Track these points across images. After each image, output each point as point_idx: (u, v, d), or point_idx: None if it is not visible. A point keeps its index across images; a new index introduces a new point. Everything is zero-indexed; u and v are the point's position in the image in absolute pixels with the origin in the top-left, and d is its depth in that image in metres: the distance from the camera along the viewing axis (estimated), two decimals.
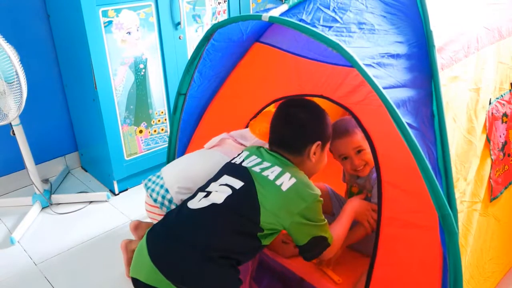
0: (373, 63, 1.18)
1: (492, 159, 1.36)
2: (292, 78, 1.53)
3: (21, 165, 2.08)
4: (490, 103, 1.37)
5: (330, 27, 1.30)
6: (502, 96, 1.44)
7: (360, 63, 1.09)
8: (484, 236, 1.33)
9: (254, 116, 1.67)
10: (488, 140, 1.34)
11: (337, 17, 1.34)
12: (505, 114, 1.44)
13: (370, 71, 1.09)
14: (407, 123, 1.06)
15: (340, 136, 1.48)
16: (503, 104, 1.43)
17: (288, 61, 1.53)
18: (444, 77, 1.22)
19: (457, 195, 1.15)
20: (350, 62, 1.11)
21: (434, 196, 1.04)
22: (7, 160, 2.22)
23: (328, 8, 1.38)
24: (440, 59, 1.23)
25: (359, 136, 1.46)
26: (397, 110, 1.05)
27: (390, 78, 1.16)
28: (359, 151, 1.48)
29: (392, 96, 1.09)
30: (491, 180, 1.35)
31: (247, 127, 1.67)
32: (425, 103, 1.15)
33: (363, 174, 1.51)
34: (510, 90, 1.48)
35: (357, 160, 1.48)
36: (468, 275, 1.23)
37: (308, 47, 1.47)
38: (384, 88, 1.09)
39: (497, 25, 1.50)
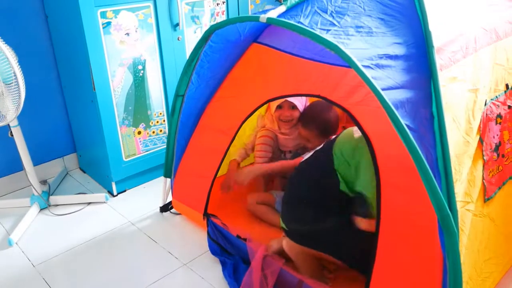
0: (372, 64, 1.18)
1: (484, 160, 1.36)
2: (289, 78, 1.54)
3: (19, 167, 2.08)
4: (485, 104, 1.38)
5: (328, 31, 1.31)
6: (497, 97, 1.44)
7: (359, 64, 1.10)
8: (480, 236, 1.33)
9: (249, 116, 1.67)
10: (481, 141, 1.35)
11: (334, 21, 1.34)
12: (499, 115, 1.44)
13: (368, 73, 1.10)
14: (406, 125, 1.06)
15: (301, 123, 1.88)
16: (498, 105, 1.44)
17: (285, 61, 1.54)
18: (443, 77, 1.22)
19: (455, 196, 1.15)
20: (348, 64, 1.11)
21: (433, 197, 1.05)
22: (5, 161, 2.22)
23: (326, 12, 1.38)
24: (439, 59, 1.24)
25: (312, 134, 1.83)
26: (396, 112, 1.05)
27: (389, 80, 1.16)
28: (308, 141, 1.88)
29: (390, 97, 1.09)
30: (484, 180, 1.35)
31: (241, 126, 1.70)
32: (424, 104, 1.16)
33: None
34: (505, 92, 1.48)
35: (303, 140, 1.92)
36: (466, 276, 1.23)
37: (305, 47, 1.47)
38: (383, 89, 1.10)
39: (494, 26, 1.50)
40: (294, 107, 1.88)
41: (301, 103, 1.90)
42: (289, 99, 1.84)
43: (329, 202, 1.41)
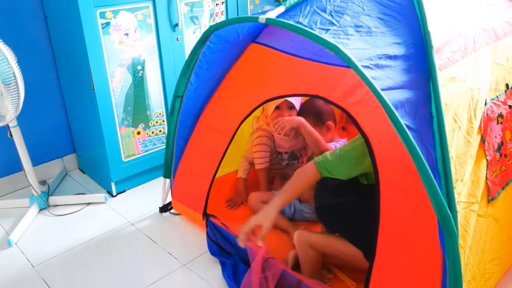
0: (371, 64, 1.18)
1: (487, 160, 1.36)
2: (287, 78, 1.54)
3: (18, 167, 2.08)
4: (485, 104, 1.38)
5: (327, 30, 1.31)
6: (497, 97, 1.44)
7: (358, 64, 1.10)
8: (485, 237, 1.33)
9: (248, 116, 1.68)
10: (483, 140, 1.35)
11: (333, 21, 1.34)
12: (500, 115, 1.44)
13: (368, 73, 1.10)
14: (406, 125, 1.06)
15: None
16: (499, 105, 1.44)
17: (283, 61, 1.54)
18: (442, 77, 1.22)
19: (455, 196, 1.15)
20: (347, 64, 1.11)
21: (433, 197, 1.05)
22: (4, 161, 2.21)
23: (325, 12, 1.38)
24: (438, 59, 1.24)
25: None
26: (395, 112, 1.05)
27: (388, 80, 1.16)
28: None
29: (390, 97, 1.09)
30: (487, 181, 1.35)
31: (239, 126, 1.71)
32: (423, 104, 1.16)
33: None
34: (505, 91, 1.48)
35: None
36: (469, 276, 1.24)
37: (303, 47, 1.47)
38: (382, 89, 1.09)
39: (493, 26, 1.51)
40: (292, 107, 1.88)
41: (298, 103, 1.90)
42: (287, 99, 1.84)
43: (348, 185, 1.43)
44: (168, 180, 1.98)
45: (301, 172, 1.41)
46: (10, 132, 1.94)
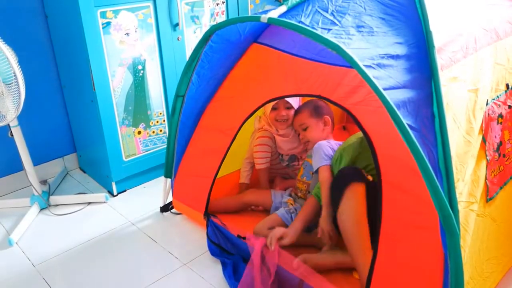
0: (373, 64, 1.18)
1: (487, 160, 1.36)
2: (289, 78, 1.54)
3: (19, 167, 2.07)
4: (487, 104, 1.38)
5: (329, 30, 1.31)
6: (498, 97, 1.45)
7: (360, 64, 1.10)
8: (482, 236, 1.33)
9: (249, 116, 1.68)
10: (484, 141, 1.35)
11: (335, 21, 1.34)
12: (500, 115, 1.44)
13: (370, 72, 1.10)
14: (408, 125, 1.06)
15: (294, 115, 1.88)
16: (499, 105, 1.44)
17: (285, 61, 1.54)
18: (443, 77, 1.22)
19: (456, 195, 1.16)
20: (350, 63, 1.11)
21: (435, 197, 1.05)
22: (5, 161, 2.21)
23: (327, 12, 1.39)
24: (440, 59, 1.24)
25: (304, 115, 1.81)
26: (397, 112, 1.05)
27: (390, 79, 1.16)
28: (304, 129, 1.81)
29: (392, 97, 1.09)
30: (487, 180, 1.36)
31: (241, 126, 1.70)
32: (425, 104, 1.16)
33: (309, 147, 1.85)
34: (505, 91, 1.49)
35: (301, 135, 1.85)
36: (467, 276, 1.24)
37: (305, 47, 1.48)
38: (384, 89, 1.10)
39: (494, 26, 1.51)
40: (289, 107, 1.88)
41: (296, 103, 1.90)
42: (285, 99, 1.84)
43: None
44: (169, 180, 1.98)
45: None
46: (11, 131, 1.94)
